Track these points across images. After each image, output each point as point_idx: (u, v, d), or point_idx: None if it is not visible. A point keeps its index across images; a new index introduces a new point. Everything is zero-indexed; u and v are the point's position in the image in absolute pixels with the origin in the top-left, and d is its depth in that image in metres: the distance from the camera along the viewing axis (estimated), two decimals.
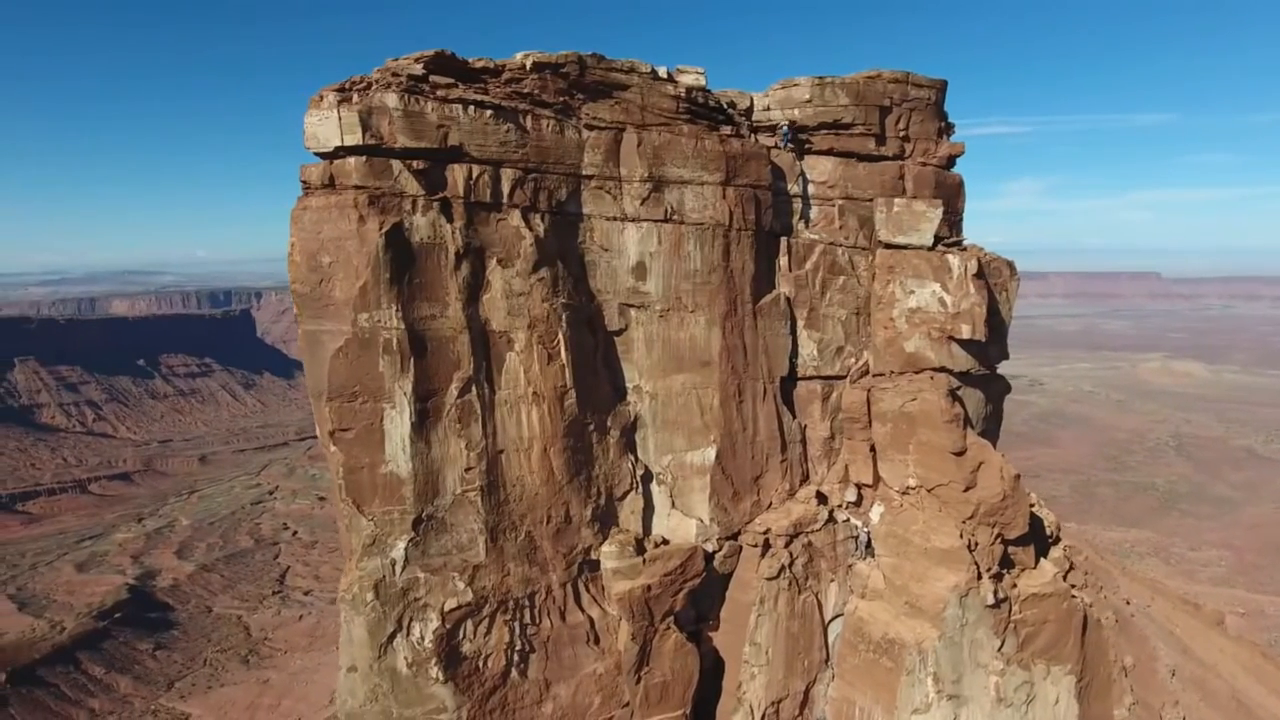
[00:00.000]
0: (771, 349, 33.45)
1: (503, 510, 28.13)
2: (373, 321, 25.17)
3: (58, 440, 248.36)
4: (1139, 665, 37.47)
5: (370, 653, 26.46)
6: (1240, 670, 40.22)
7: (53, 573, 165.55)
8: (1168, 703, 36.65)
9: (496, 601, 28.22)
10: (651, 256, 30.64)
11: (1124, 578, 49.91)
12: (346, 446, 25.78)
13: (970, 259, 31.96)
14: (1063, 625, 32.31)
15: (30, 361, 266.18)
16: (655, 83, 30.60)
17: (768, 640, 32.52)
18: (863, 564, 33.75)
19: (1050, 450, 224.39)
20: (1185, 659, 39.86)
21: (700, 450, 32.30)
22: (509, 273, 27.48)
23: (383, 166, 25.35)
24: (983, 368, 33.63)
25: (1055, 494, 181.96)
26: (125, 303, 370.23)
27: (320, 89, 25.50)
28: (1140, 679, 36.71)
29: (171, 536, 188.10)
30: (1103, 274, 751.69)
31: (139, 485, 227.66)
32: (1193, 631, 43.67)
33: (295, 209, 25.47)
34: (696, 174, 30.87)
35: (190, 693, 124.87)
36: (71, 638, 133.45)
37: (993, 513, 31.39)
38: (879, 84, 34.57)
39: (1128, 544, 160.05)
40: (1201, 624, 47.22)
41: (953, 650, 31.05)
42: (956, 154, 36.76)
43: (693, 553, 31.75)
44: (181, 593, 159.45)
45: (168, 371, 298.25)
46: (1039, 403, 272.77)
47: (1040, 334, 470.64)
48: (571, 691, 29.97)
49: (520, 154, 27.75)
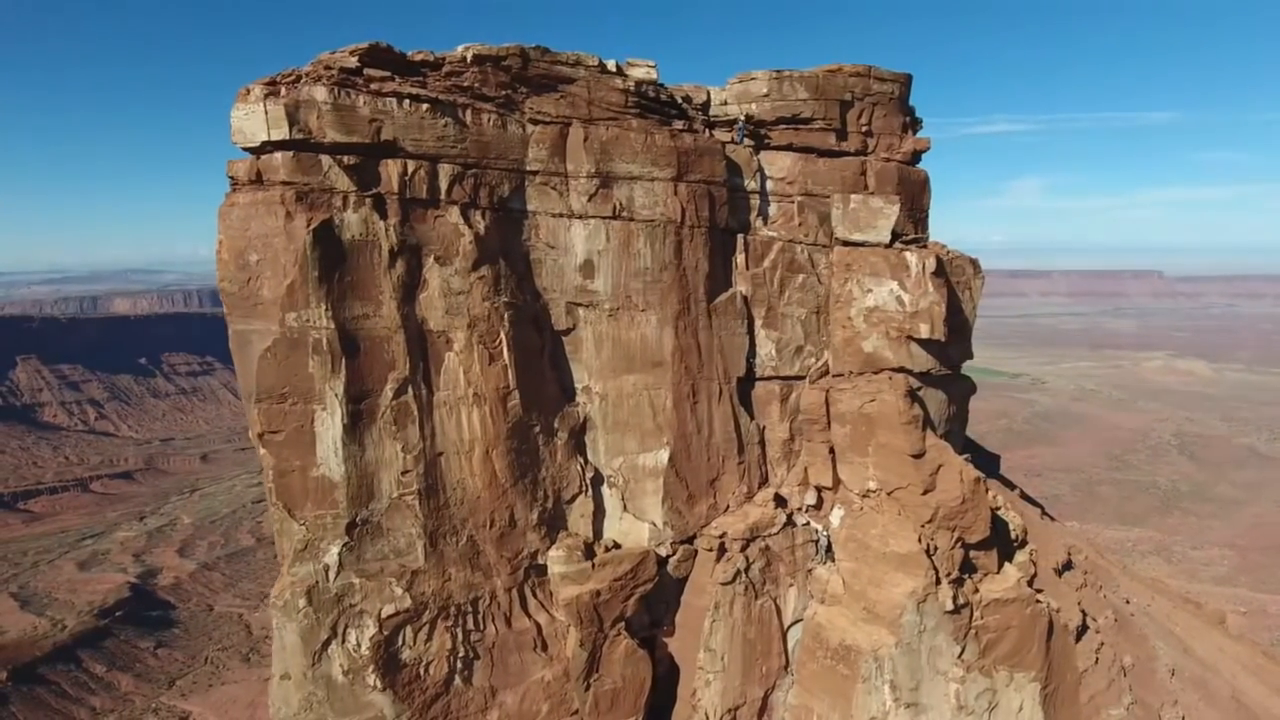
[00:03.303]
0: (727, 349, 32.73)
1: (442, 514, 27.51)
2: (301, 321, 24.58)
3: (59, 439, 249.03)
4: (1138, 664, 36.63)
5: (303, 660, 25.89)
6: (1241, 670, 39.31)
7: (54, 571, 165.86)
8: (1167, 702, 35.80)
9: (437, 607, 27.61)
10: (600, 254, 29.97)
11: (1124, 577, 49.01)
12: (276, 449, 25.19)
13: (929, 256, 31.17)
14: (1026, 631, 31.51)
15: (32, 360, 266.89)
16: (603, 76, 29.90)
17: (723, 646, 31.81)
18: (823, 568, 33.03)
19: (1052, 449, 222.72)
20: (1185, 658, 38.97)
21: (653, 452, 31.61)
22: (447, 271, 26.85)
23: (311, 162, 24.75)
24: (944, 368, 32.86)
25: (1057, 493, 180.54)
26: (127, 301, 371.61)
27: (250, 83, 24.91)
28: (1139, 678, 35.88)
29: (173, 535, 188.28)
30: (1106, 272, 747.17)
31: (141, 484, 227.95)
32: (1193, 630, 42.71)
33: (223, 206, 24.90)
34: (646, 170, 30.17)
35: (191, 691, 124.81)
36: (73, 636, 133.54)
37: (952, 516, 30.63)
38: (839, 78, 33.81)
39: (1129, 543, 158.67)
40: (1202, 623, 46.23)
41: (910, 657, 30.31)
42: (922, 149, 35.98)
43: (645, 557, 31.07)
44: (183, 591, 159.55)
45: (169, 370, 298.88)
46: (1041, 401, 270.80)
47: (1043, 333, 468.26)
48: (518, 699, 29.35)
49: (459, 149, 27.10)
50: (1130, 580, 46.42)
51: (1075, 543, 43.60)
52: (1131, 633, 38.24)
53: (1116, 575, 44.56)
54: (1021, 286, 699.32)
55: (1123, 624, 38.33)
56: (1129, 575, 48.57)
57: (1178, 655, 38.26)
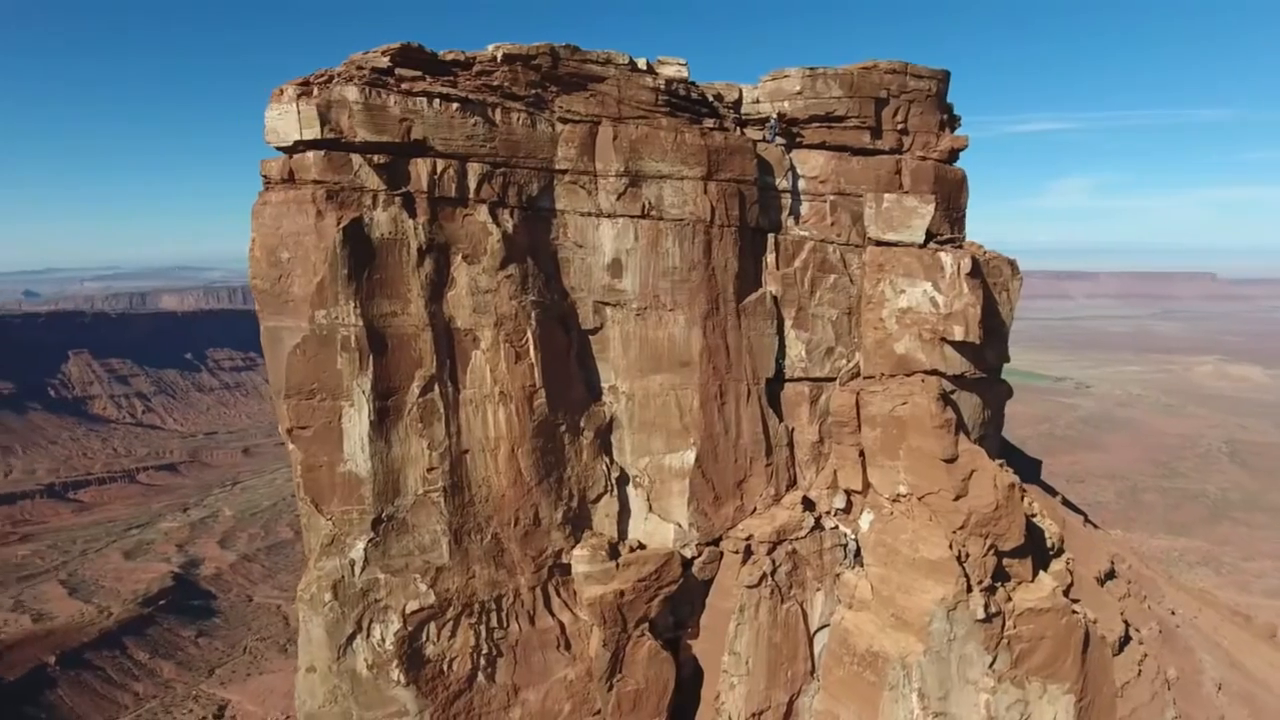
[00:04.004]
0: (756, 349, 32.38)
1: (467, 512, 27.62)
2: (330, 318, 24.84)
3: (108, 431, 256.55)
4: (1183, 678, 35.67)
5: (329, 653, 26.18)
6: None
7: (102, 559, 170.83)
8: (1212, 717, 34.78)
9: (461, 604, 27.73)
10: (628, 253, 29.84)
11: (1170, 587, 47.71)
12: (305, 444, 25.51)
13: (964, 257, 30.51)
14: (1061, 642, 30.68)
15: (84, 354, 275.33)
16: (633, 75, 29.76)
17: (748, 650, 31.49)
18: (850, 573, 32.52)
19: (1096, 455, 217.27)
20: (1233, 672, 37.84)
21: (679, 453, 31.40)
22: (475, 269, 26.94)
23: (342, 161, 25.00)
24: (979, 371, 32.15)
25: (1100, 500, 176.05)
26: (175, 298, 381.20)
27: (284, 83, 25.24)
28: (1184, 692, 34.93)
29: (215, 526, 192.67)
30: (1155, 274, 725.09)
31: (185, 476, 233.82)
32: (1242, 644, 41.41)
33: (256, 204, 25.27)
34: (676, 168, 29.97)
35: (230, 679, 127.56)
36: (118, 623, 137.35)
37: (985, 523, 29.93)
38: (874, 75, 33.25)
39: (1176, 553, 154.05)
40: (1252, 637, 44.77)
41: (939, 665, 29.68)
42: (959, 147, 35.23)
43: (669, 558, 30.87)
44: (224, 582, 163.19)
45: (214, 365, 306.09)
46: (1085, 406, 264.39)
47: (1088, 336, 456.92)
48: (541, 697, 29.37)
49: (489, 148, 27.16)
50: (1176, 591, 45.14)
51: (1119, 551, 42.48)
52: (1177, 645, 37.19)
53: (1162, 585, 43.35)
54: (1067, 288, 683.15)
55: (1168, 636, 37.29)
56: (1175, 586, 47.21)
57: (1225, 669, 37.13)
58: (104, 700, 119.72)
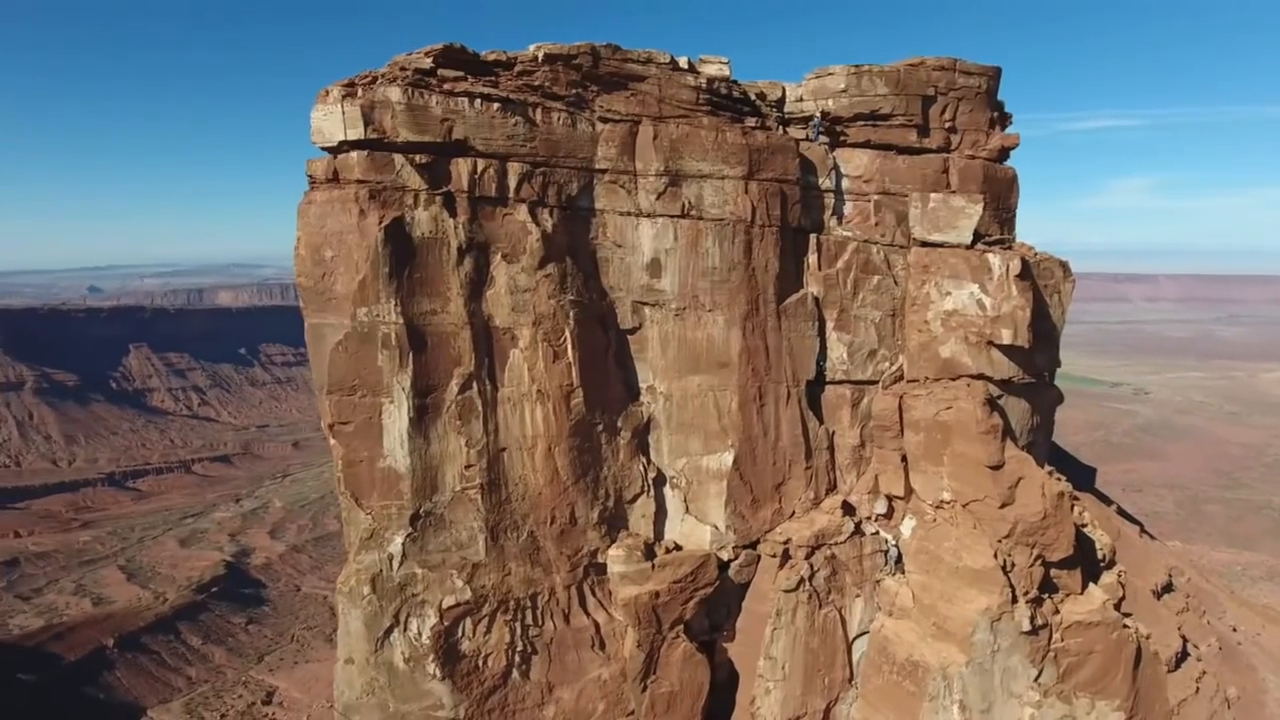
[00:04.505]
0: (796, 351, 31.94)
1: (504, 509, 27.77)
2: (371, 316, 25.19)
3: (166, 423, 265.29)
4: (1244, 697, 34.31)
5: (367, 646, 26.57)
6: None
7: (158, 547, 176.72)
8: None
9: (497, 601, 27.90)
10: (667, 253, 29.69)
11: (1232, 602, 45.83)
12: (346, 439, 25.92)
13: (1013, 258, 29.68)
14: (1111, 657, 29.69)
15: (144, 348, 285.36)
16: (674, 73, 29.60)
17: (784, 655, 31.09)
18: (891, 580, 31.92)
19: (1155, 463, 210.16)
20: None
21: (717, 454, 31.14)
22: (514, 268, 27.07)
23: (384, 161, 25.33)
24: (1028, 376, 31.23)
25: (1158, 510, 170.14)
26: (230, 294, 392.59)
27: (329, 84, 25.66)
28: (1245, 711, 33.63)
29: (265, 517, 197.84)
30: (1219, 277, 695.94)
31: (237, 467, 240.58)
32: None
33: (301, 203, 25.77)
34: (717, 168, 29.72)
35: (278, 667, 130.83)
36: (173, 609, 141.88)
37: (1032, 532, 29.11)
38: (921, 72, 32.55)
39: (1239, 567, 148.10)
40: None
41: (982, 677, 28.94)
42: (1010, 146, 34.31)
43: (706, 560, 30.64)
44: (273, 571, 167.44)
45: (266, 360, 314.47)
46: (1144, 413, 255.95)
47: (1147, 340, 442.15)
48: (575, 696, 29.40)
49: (529, 148, 27.27)
50: (1238, 606, 43.36)
51: (1177, 564, 40.97)
52: (1238, 663, 35.73)
53: (1223, 600, 41.75)
54: (1125, 291, 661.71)
55: (1228, 653, 35.84)
56: (1237, 601, 45.34)
57: None
58: (158, 683, 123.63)
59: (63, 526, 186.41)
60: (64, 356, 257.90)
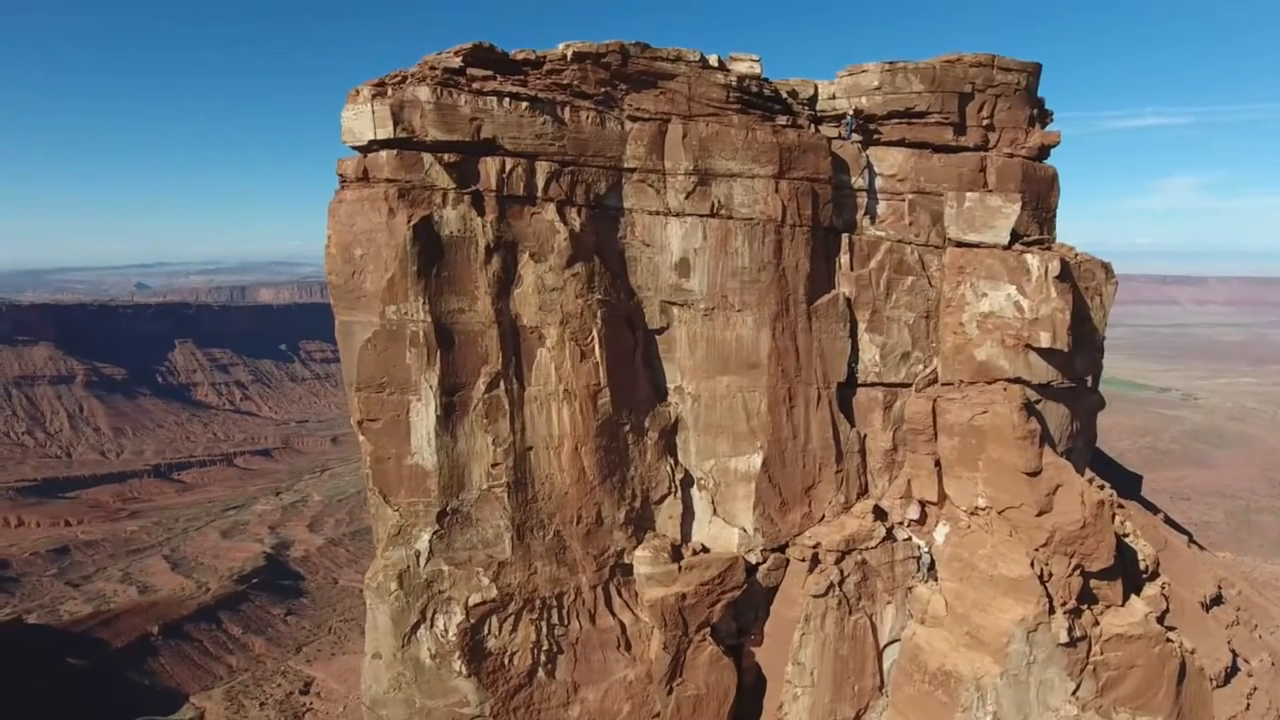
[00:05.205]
0: (827, 352, 31.45)
1: (530, 508, 27.74)
2: (400, 314, 25.32)
3: (209, 416, 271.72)
4: None
5: (394, 641, 26.73)
6: None
7: (201, 537, 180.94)
8: None
9: (523, 599, 27.89)
10: (696, 253, 29.41)
11: None
12: (374, 436, 26.10)
13: (1053, 259, 28.88)
14: (1153, 671, 28.76)
15: (188, 344, 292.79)
16: (704, 71, 29.30)
17: (813, 660, 30.65)
18: (924, 587, 31.28)
19: (1204, 471, 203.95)
20: None
21: (745, 456, 30.78)
22: (541, 267, 27.01)
23: (414, 160, 25.43)
24: (1067, 380, 30.39)
25: (1208, 519, 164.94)
26: (271, 291, 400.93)
27: (359, 84, 25.84)
28: None
29: (304, 510, 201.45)
30: (1271, 279, 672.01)
31: (278, 461, 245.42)
32: None
33: (332, 202, 25.98)
34: (747, 167, 29.36)
35: (316, 657, 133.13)
36: (215, 598, 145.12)
37: (1070, 541, 28.29)
38: (959, 68, 31.83)
39: None
40: None
41: (1017, 689, 28.22)
42: (1050, 144, 33.44)
43: (733, 563, 30.32)
44: (311, 564, 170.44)
45: (306, 356, 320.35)
46: (1193, 419, 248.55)
47: (1197, 344, 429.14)
48: (600, 696, 29.28)
49: (557, 146, 27.19)
50: None
51: (1227, 575, 39.62)
52: None
53: (1275, 614, 40.32)
54: (1174, 293, 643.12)
55: None
56: None
57: None
58: (200, 671, 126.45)
59: (110, 516, 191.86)
60: (113, 351, 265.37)
